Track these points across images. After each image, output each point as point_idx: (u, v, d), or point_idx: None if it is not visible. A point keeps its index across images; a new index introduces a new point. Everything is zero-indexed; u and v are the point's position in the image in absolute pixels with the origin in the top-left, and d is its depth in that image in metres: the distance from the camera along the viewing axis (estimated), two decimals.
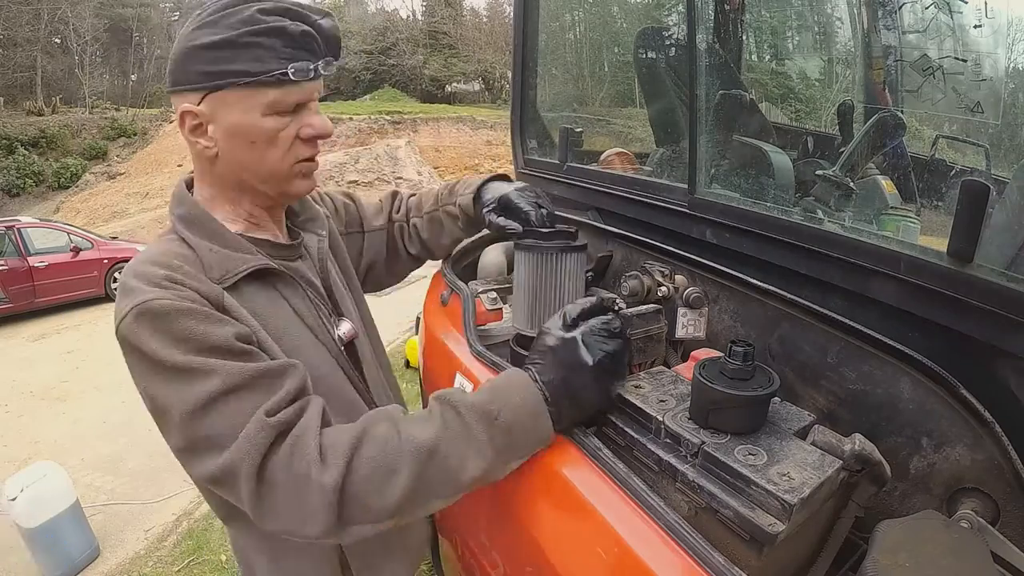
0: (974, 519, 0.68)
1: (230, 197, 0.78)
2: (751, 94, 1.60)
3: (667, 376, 0.80)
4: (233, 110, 0.69)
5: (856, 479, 0.68)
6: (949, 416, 0.73)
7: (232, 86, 0.68)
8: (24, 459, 3.90)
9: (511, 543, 0.83)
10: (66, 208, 16.16)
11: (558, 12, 2.20)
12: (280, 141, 0.73)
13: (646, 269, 1.01)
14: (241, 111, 0.69)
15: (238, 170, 0.74)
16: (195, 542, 2.89)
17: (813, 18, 2.10)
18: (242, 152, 0.72)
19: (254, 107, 0.69)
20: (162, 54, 34.07)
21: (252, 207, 0.80)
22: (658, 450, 0.67)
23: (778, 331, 0.96)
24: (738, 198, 1.13)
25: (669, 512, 0.59)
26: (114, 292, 7.78)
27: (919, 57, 1.15)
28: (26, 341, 6.96)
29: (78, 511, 2.72)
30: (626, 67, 2.26)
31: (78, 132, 21.17)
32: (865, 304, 0.88)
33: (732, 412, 0.64)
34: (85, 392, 5.09)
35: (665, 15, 2.22)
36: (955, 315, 0.75)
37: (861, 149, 1.36)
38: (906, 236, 1.01)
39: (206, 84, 0.68)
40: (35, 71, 25.03)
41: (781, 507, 0.55)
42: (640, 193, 1.34)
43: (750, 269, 1.01)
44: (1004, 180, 0.89)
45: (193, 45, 0.68)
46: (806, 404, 0.90)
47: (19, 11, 23.87)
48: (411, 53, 30.87)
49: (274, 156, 0.73)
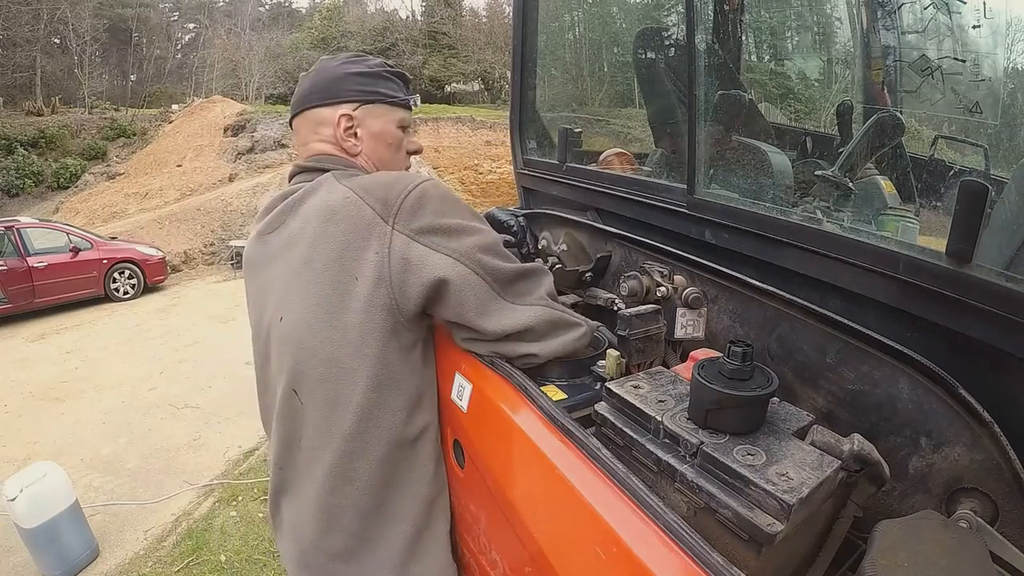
0: (973, 519, 0.68)
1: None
2: (750, 94, 1.60)
3: (666, 376, 0.80)
4: (378, 120, 0.99)
5: (855, 479, 0.68)
6: (948, 416, 0.73)
7: (380, 102, 0.98)
8: (23, 459, 3.90)
9: (511, 543, 0.83)
10: (65, 208, 16.14)
11: (557, 12, 2.20)
12: (401, 148, 1.04)
13: (645, 269, 1.01)
14: (384, 121, 0.99)
15: (377, 165, 1.00)
16: (194, 542, 2.89)
17: (812, 18, 2.10)
18: (382, 151, 1.00)
19: (392, 120, 1.01)
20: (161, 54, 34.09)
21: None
22: (657, 450, 0.67)
23: (777, 331, 0.96)
24: (737, 198, 1.13)
25: (668, 512, 0.59)
26: (113, 292, 7.73)
27: (918, 57, 1.15)
28: (25, 341, 6.95)
29: (77, 511, 2.72)
30: (625, 67, 2.26)
31: (77, 132, 21.15)
32: (864, 304, 0.88)
33: (731, 412, 0.64)
34: (84, 392, 5.09)
35: (664, 15, 2.22)
36: (954, 315, 0.75)
37: (860, 149, 1.36)
38: (905, 236, 1.01)
39: (362, 98, 0.97)
40: (34, 71, 25.00)
41: (780, 507, 0.55)
42: (639, 193, 1.34)
43: (749, 269, 1.01)
44: (1003, 180, 0.89)
45: (346, 72, 0.96)
46: (805, 404, 0.90)
47: (19, 11, 23.83)
48: (410, 53, 30.86)
49: (398, 157, 1.04)
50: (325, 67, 0.99)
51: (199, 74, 32.77)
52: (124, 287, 8.82)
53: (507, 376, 0.90)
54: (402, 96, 1.01)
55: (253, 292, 0.99)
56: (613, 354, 0.92)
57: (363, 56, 1.01)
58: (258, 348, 1.00)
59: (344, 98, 0.96)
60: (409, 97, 1.02)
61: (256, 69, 29.54)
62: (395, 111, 1.00)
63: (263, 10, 39.58)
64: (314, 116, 0.98)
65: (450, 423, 1.03)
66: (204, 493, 3.45)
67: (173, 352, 6.04)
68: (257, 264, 0.97)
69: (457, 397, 0.96)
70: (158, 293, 9.17)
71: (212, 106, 20.47)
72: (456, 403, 0.98)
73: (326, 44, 30.88)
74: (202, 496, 3.42)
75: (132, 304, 8.54)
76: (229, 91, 28.17)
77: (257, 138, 17.27)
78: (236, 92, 28.59)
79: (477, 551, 1.02)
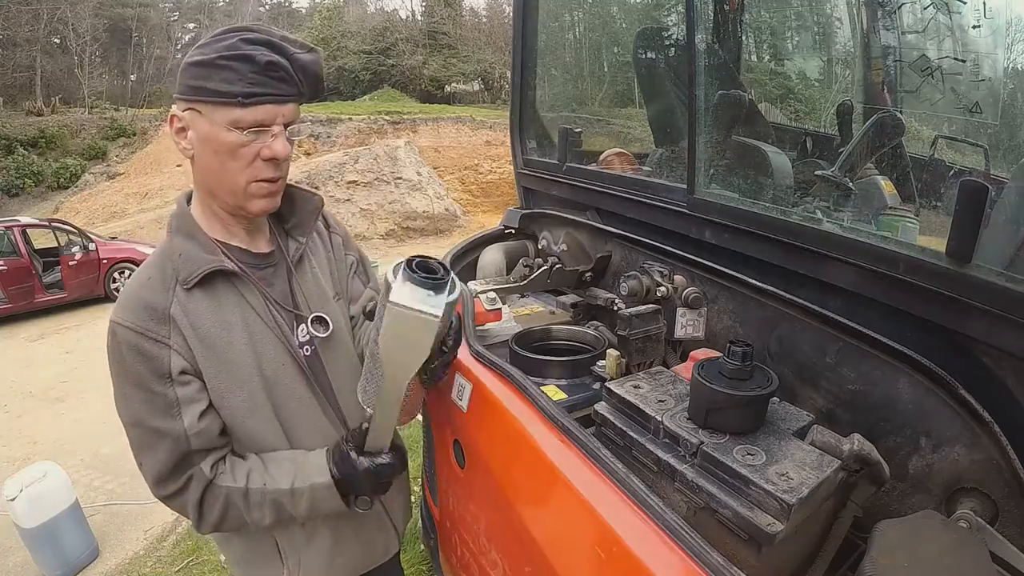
0: (973, 519, 0.68)
1: (204, 200, 0.88)
2: (750, 94, 1.60)
3: (666, 376, 0.80)
4: (204, 121, 0.79)
5: (855, 479, 0.68)
6: (948, 416, 0.73)
7: (204, 101, 0.78)
8: (23, 459, 3.90)
9: (511, 543, 0.83)
10: (65, 208, 16.14)
11: (558, 12, 2.20)
12: (240, 156, 0.81)
13: (645, 269, 1.01)
14: (209, 123, 0.79)
15: (207, 175, 0.84)
16: (194, 542, 2.89)
17: (812, 18, 2.10)
18: (209, 159, 0.82)
19: (219, 121, 0.79)
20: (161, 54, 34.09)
21: (224, 214, 0.88)
22: (657, 450, 0.67)
23: (777, 331, 0.96)
24: (737, 198, 1.13)
25: (668, 512, 0.59)
26: (113, 292, 7.72)
27: (918, 57, 1.15)
28: (25, 341, 6.95)
29: (77, 511, 2.72)
30: (625, 67, 2.26)
31: (77, 132, 21.14)
32: (864, 304, 0.88)
33: (731, 412, 0.64)
34: (84, 392, 5.08)
35: (664, 15, 2.22)
36: (954, 315, 0.75)
37: (860, 149, 1.36)
38: (905, 236, 1.01)
39: (188, 96, 0.79)
40: (34, 71, 24.99)
41: (780, 507, 0.55)
42: (639, 193, 1.34)
43: (749, 269, 1.01)
44: (1003, 180, 0.89)
45: (187, 61, 0.80)
46: (805, 404, 0.90)
47: (19, 11, 23.82)
48: (410, 53, 30.85)
49: (234, 168, 0.82)
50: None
51: None
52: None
53: (507, 376, 0.90)
54: (236, 91, 0.77)
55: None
56: (613, 354, 0.92)
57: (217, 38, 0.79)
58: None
59: (178, 94, 0.81)
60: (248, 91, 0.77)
61: None
62: (224, 109, 0.77)
63: (263, 10, 39.58)
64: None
65: (450, 423, 1.03)
66: None
67: None
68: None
69: (457, 397, 0.96)
70: None
71: None
72: (456, 403, 0.98)
73: (326, 44, 30.86)
74: None
75: None
76: None
77: None
78: None
79: (477, 551, 1.02)
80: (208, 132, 0.79)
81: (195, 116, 0.80)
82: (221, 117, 0.78)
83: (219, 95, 0.77)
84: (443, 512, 1.25)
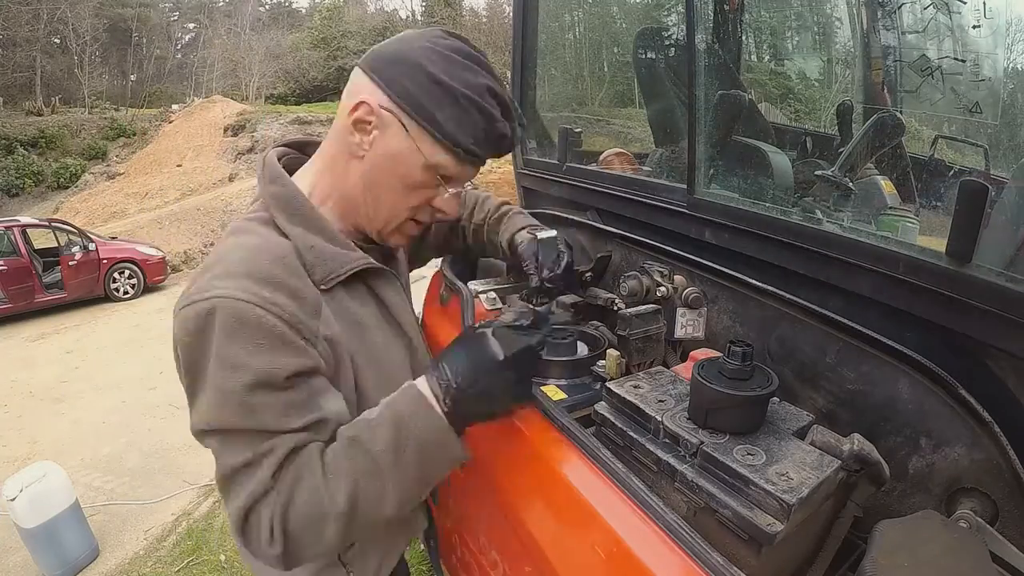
0: (973, 519, 0.68)
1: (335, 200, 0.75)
2: (750, 94, 1.60)
3: (666, 376, 0.80)
4: (405, 140, 0.68)
5: (855, 479, 0.68)
6: (948, 416, 0.73)
7: (421, 125, 0.68)
8: (23, 459, 3.90)
9: (511, 543, 0.83)
10: (65, 208, 16.15)
11: (558, 12, 2.20)
12: (418, 195, 0.73)
13: (645, 269, 1.01)
14: (410, 146, 0.69)
15: (366, 188, 0.72)
16: (194, 542, 2.89)
17: (812, 18, 2.10)
18: (382, 176, 0.71)
19: (425, 153, 0.69)
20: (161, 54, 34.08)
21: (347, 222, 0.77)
22: (657, 450, 0.67)
23: (777, 331, 0.96)
24: (737, 198, 1.13)
25: (668, 512, 0.59)
26: (113, 292, 7.73)
27: (918, 57, 1.15)
28: (25, 341, 6.95)
29: (77, 511, 2.72)
30: (625, 67, 2.26)
31: (77, 132, 21.15)
32: (864, 304, 0.88)
33: (731, 412, 0.64)
34: (84, 392, 5.08)
35: (664, 15, 2.22)
36: (954, 315, 0.75)
37: (860, 149, 1.36)
38: (905, 236, 1.01)
39: (406, 104, 0.67)
40: (34, 71, 25.00)
41: (780, 507, 0.55)
42: (639, 193, 1.34)
43: (749, 269, 1.01)
44: (1003, 180, 0.89)
45: (420, 62, 0.67)
46: (805, 404, 0.90)
47: (19, 11, 23.83)
48: None
49: (402, 201, 0.73)
50: (409, 38, 0.70)
51: (199, 74, 32.78)
52: (124, 287, 8.82)
53: None
54: (463, 141, 0.68)
55: None
56: (613, 354, 0.92)
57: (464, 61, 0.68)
58: None
59: (387, 85, 0.67)
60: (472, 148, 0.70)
61: (256, 69, 29.54)
62: (435, 147, 0.68)
63: (263, 10, 39.57)
64: (354, 76, 0.72)
65: None
66: (204, 493, 3.45)
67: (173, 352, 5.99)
68: None
69: None
70: (158, 293, 9.15)
71: (212, 106, 20.47)
72: None
73: (326, 44, 30.88)
74: (202, 496, 3.42)
75: (132, 304, 8.53)
76: (229, 91, 28.18)
77: (257, 138, 17.28)
78: (236, 92, 28.60)
79: (477, 551, 1.02)
80: (403, 153, 0.69)
81: (397, 126, 0.68)
82: (429, 150, 0.69)
83: (443, 133, 0.68)
84: (443, 512, 1.26)
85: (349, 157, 0.72)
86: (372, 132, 0.69)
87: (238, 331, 0.60)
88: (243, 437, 0.62)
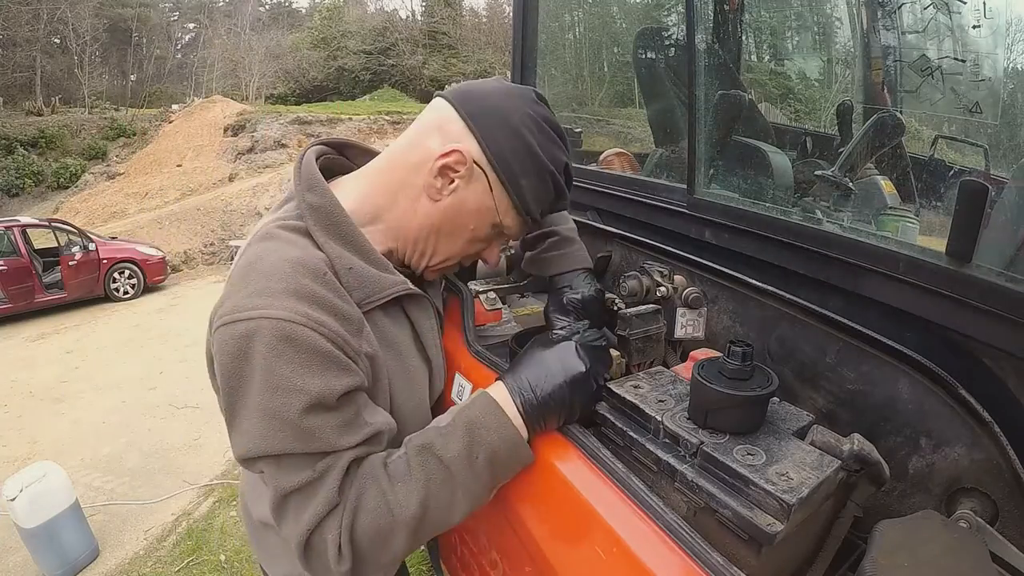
0: (973, 519, 0.68)
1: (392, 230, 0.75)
2: (750, 94, 1.60)
3: (666, 376, 0.80)
4: (487, 196, 0.72)
5: (855, 479, 0.68)
6: (948, 416, 0.73)
7: (506, 188, 0.72)
8: (23, 459, 3.90)
9: (511, 543, 0.83)
10: (65, 208, 16.15)
11: (558, 12, 2.20)
12: (475, 244, 0.77)
13: (645, 269, 1.01)
14: (491, 204, 0.73)
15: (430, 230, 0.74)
16: (194, 542, 2.89)
17: (812, 18, 2.10)
18: (451, 223, 0.73)
19: (499, 211, 0.74)
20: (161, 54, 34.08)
21: (387, 249, 0.77)
22: (657, 450, 0.67)
23: (777, 331, 0.96)
24: (737, 198, 1.13)
25: (668, 512, 0.59)
26: (113, 292, 7.74)
27: (918, 57, 1.15)
28: (25, 341, 6.96)
29: (77, 511, 2.72)
30: (625, 67, 2.26)
31: (77, 132, 21.16)
32: (864, 304, 0.88)
33: (731, 412, 0.64)
34: (84, 392, 5.09)
35: (664, 15, 2.22)
36: (954, 315, 0.75)
37: (860, 149, 1.36)
38: (905, 236, 1.01)
39: (500, 164, 0.70)
40: (34, 71, 25.01)
41: (780, 507, 0.55)
42: (639, 193, 1.34)
43: (749, 269, 1.01)
44: (1003, 180, 0.89)
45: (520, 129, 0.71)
46: (805, 404, 0.90)
47: (19, 11, 23.84)
48: (410, 53, 30.87)
49: (457, 248, 0.76)
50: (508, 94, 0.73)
51: (199, 74, 32.79)
52: (124, 287, 8.83)
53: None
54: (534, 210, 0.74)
55: None
56: (613, 354, 0.92)
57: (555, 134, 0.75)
58: None
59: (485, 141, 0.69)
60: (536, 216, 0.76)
61: (256, 69, 29.55)
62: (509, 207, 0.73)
63: (263, 10, 39.58)
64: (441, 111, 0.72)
65: None
66: (204, 493, 3.45)
67: (173, 352, 6.02)
68: None
69: (457, 397, 0.96)
70: (158, 293, 9.16)
71: (212, 106, 20.47)
72: (456, 403, 0.98)
73: (326, 44, 30.91)
74: (202, 496, 3.42)
75: (132, 304, 8.53)
76: (229, 91, 28.19)
77: (257, 138, 17.28)
78: (236, 92, 28.61)
79: (477, 551, 1.02)
80: (481, 210, 0.73)
81: (484, 184, 0.71)
82: (504, 208, 0.73)
83: (521, 200, 0.73)
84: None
85: (421, 195, 0.72)
86: (456, 180, 0.70)
87: (285, 353, 0.58)
88: (300, 459, 0.61)
